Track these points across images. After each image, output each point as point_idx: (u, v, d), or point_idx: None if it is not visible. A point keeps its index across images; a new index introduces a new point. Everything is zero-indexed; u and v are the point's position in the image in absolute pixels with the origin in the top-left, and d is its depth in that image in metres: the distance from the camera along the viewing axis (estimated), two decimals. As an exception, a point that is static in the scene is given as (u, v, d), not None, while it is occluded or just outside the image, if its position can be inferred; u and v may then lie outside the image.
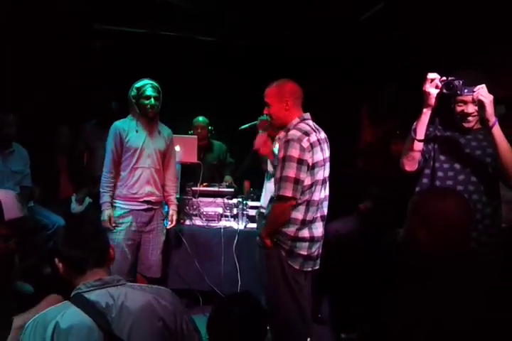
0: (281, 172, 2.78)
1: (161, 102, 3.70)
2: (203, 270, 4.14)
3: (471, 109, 2.55)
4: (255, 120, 4.24)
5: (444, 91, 2.46)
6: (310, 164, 2.81)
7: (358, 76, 5.25)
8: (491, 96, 2.40)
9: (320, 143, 2.90)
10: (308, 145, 2.80)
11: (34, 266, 3.94)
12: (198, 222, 4.32)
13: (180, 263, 4.20)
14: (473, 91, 2.42)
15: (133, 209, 3.66)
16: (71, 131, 4.94)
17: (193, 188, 4.41)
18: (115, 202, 3.67)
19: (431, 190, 2.06)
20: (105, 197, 3.65)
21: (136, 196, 3.66)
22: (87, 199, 4.54)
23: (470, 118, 2.59)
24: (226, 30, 5.56)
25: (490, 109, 2.39)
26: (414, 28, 4.37)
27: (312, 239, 2.90)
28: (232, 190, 4.49)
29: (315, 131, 2.92)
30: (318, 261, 3.04)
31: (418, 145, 2.62)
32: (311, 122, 2.98)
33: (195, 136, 4.55)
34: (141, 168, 3.65)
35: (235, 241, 4.14)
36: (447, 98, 2.57)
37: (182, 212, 4.32)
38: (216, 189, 4.49)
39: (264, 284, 3.02)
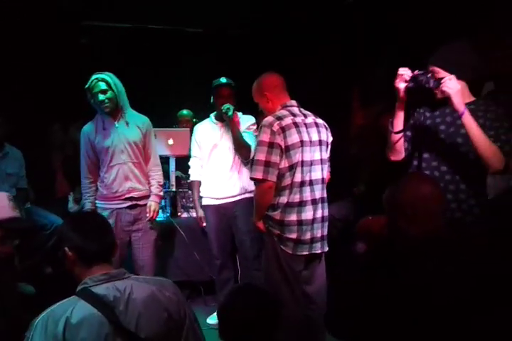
0: (254, 156, 2.95)
1: (117, 92, 3.48)
2: (203, 261, 4.18)
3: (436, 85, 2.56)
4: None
5: (411, 85, 2.53)
6: (283, 147, 2.88)
7: (347, 59, 5.25)
8: (458, 86, 2.40)
9: (298, 126, 2.95)
10: (279, 129, 2.88)
11: (35, 267, 3.97)
12: (194, 214, 4.34)
13: (180, 256, 4.24)
14: (440, 83, 2.43)
15: (116, 209, 3.54)
16: (64, 129, 4.95)
17: (188, 181, 4.42)
18: (97, 204, 3.59)
19: (401, 181, 2.04)
20: (87, 205, 3.60)
21: (117, 194, 3.53)
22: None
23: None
24: (213, 20, 5.54)
25: (457, 99, 2.39)
26: (402, 10, 4.36)
27: (300, 223, 2.94)
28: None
29: (295, 116, 2.99)
30: (320, 245, 3.04)
31: (396, 137, 2.70)
32: (295, 108, 3.06)
33: (187, 129, 4.55)
34: (117, 164, 3.51)
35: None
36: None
37: (177, 205, 4.36)
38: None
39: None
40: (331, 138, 3.17)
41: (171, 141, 4.34)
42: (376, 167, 4.09)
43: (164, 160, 4.42)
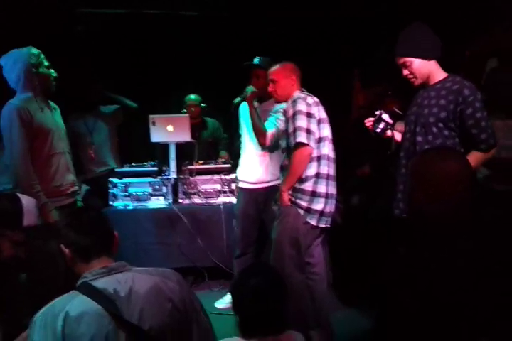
0: (294, 125, 3.05)
1: None
2: (206, 247, 4.20)
3: (404, 72, 2.72)
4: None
5: (383, 126, 2.86)
6: (317, 118, 3.11)
7: (347, 41, 5.19)
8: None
9: (320, 105, 3.19)
10: (314, 102, 3.14)
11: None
12: (197, 200, 4.35)
13: (183, 242, 4.24)
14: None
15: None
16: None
17: (189, 167, 4.42)
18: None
19: (428, 151, 2.02)
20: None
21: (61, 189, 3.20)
22: (84, 187, 4.51)
23: (410, 78, 2.72)
24: (209, 2, 5.47)
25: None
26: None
27: (327, 195, 3.11)
28: (229, 165, 4.49)
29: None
30: (330, 219, 3.21)
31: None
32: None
33: (187, 115, 4.51)
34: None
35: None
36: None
37: (178, 192, 4.37)
38: (212, 166, 4.51)
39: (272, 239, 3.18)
40: None
41: (170, 128, 4.30)
42: (378, 148, 4.07)
43: (164, 147, 4.43)
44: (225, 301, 4.00)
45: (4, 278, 2.18)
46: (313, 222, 3.08)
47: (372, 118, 2.76)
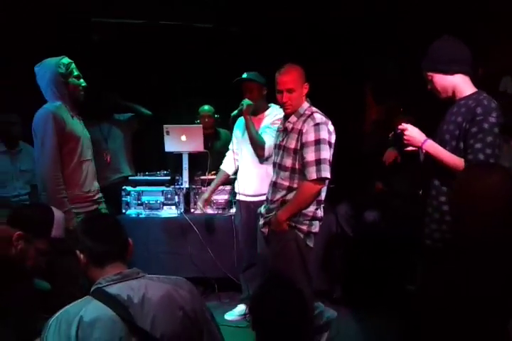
0: (318, 155, 2.87)
1: None
2: (217, 257, 4.17)
3: (428, 86, 2.66)
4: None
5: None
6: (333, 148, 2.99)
7: (358, 56, 5.21)
8: (415, 131, 2.57)
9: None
10: (332, 130, 2.98)
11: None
12: (208, 210, 4.34)
13: (194, 252, 4.22)
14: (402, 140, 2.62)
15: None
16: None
17: (202, 177, 4.42)
18: None
19: (473, 167, 2.06)
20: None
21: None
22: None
23: (434, 91, 2.67)
24: (223, 15, 5.53)
25: (415, 143, 2.56)
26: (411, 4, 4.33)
27: (321, 218, 3.07)
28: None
29: None
30: None
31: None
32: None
33: (201, 125, 4.54)
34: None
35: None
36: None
37: (190, 202, 4.36)
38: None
39: (273, 266, 3.07)
40: None
41: (183, 138, 4.32)
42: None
43: (177, 156, 4.46)
44: (234, 313, 3.98)
45: (20, 284, 2.19)
46: (311, 244, 3.04)
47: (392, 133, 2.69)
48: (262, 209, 3.22)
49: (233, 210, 4.33)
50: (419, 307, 1.72)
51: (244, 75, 3.83)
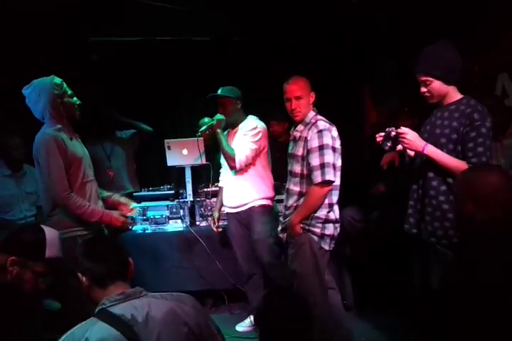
0: (322, 159, 3.01)
1: None
2: (225, 269, 4.19)
3: (422, 89, 2.72)
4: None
5: (390, 144, 2.74)
6: (339, 153, 3.12)
7: (354, 58, 5.22)
8: (414, 135, 2.63)
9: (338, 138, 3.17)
10: (336, 135, 3.11)
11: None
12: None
13: (202, 265, 4.25)
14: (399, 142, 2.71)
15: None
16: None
17: (205, 189, 4.45)
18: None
19: (473, 168, 2.28)
20: None
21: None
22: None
23: (427, 96, 2.74)
24: (220, 28, 5.56)
25: (414, 147, 2.64)
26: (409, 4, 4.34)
27: (336, 221, 3.15)
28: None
29: None
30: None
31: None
32: None
33: (201, 138, 4.56)
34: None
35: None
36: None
37: (195, 215, 4.39)
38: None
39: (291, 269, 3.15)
40: None
41: (185, 151, 4.36)
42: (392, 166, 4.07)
43: (179, 170, 4.50)
44: (245, 324, 3.99)
45: (20, 308, 2.21)
46: (326, 247, 3.11)
47: (382, 133, 2.74)
48: (281, 217, 3.35)
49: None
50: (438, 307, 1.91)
51: (219, 91, 3.86)
